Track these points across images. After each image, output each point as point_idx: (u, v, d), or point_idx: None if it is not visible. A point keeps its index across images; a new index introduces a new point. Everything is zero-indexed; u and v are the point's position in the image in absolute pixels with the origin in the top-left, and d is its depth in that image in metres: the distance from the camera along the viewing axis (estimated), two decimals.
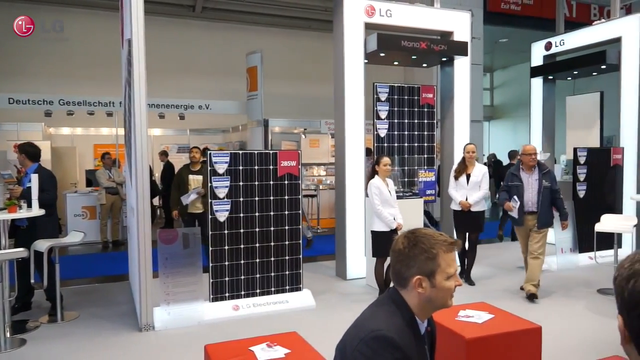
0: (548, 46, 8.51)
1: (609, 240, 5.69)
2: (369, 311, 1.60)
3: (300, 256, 5.16)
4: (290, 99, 12.54)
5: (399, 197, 5.56)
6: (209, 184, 4.76)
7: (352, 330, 1.57)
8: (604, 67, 7.61)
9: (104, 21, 10.81)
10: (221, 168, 4.78)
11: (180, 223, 6.74)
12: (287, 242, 5.08)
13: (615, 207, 7.01)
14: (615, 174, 7.13)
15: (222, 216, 4.79)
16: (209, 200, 4.76)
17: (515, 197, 5.25)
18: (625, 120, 7.25)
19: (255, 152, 5.01)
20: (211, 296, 4.78)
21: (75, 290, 5.73)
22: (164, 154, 10.22)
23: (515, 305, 4.80)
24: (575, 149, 7.02)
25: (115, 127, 10.46)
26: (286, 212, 5.06)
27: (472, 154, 5.72)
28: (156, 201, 10.41)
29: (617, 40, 7.36)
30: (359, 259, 6.12)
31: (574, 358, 2.69)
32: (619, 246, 5.70)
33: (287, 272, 5.10)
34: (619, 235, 5.78)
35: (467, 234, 5.82)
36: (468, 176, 5.73)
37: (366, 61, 6.32)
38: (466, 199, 5.69)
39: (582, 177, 6.93)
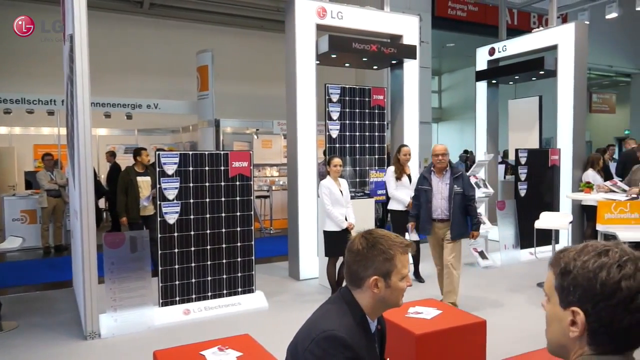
0: (491, 51, 8.87)
1: (548, 237, 6.01)
2: (320, 311, 1.62)
3: (253, 258, 5.13)
4: (243, 99, 12.43)
5: (351, 198, 5.63)
6: (157, 186, 4.64)
7: (303, 330, 1.58)
8: (542, 72, 8.02)
9: (44, 13, 10.31)
10: (170, 169, 4.67)
11: (126, 227, 6.50)
12: (239, 244, 5.03)
13: (553, 205, 7.40)
14: (553, 173, 7.53)
15: (171, 218, 4.68)
16: (158, 202, 4.65)
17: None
18: (561, 123, 7.67)
19: (206, 152, 4.93)
20: (161, 301, 4.66)
21: (15, 299, 5.43)
22: (111, 154, 9.87)
23: (462, 301, 4.97)
24: (516, 150, 7.35)
25: (57, 127, 10.00)
26: (238, 214, 5.01)
27: (408, 156, 5.81)
28: (102, 203, 10.03)
29: (554, 48, 7.78)
30: (311, 259, 6.15)
31: (516, 349, 2.83)
32: (557, 242, 6.01)
33: (239, 274, 5.05)
34: (557, 231, 6.11)
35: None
36: (409, 176, 5.84)
37: (318, 62, 6.36)
38: (411, 199, 5.77)
39: (523, 177, 7.27)
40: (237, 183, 5.01)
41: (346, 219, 5.12)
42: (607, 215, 4.98)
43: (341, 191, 5.17)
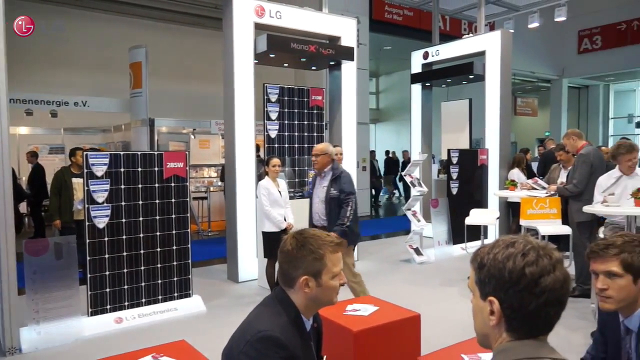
0: (425, 55, 9.19)
1: (478, 232, 6.32)
2: (255, 313, 1.61)
3: (189, 261, 5.00)
4: (179, 98, 12.07)
5: (290, 198, 5.64)
6: (85, 188, 4.42)
7: (237, 333, 1.56)
8: (471, 76, 8.42)
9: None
10: (99, 170, 4.46)
11: (54, 232, 6.12)
12: (174, 247, 4.89)
13: (482, 202, 7.78)
14: (482, 172, 7.92)
15: (101, 222, 4.47)
16: (86, 206, 4.42)
17: None
18: (489, 124, 8.08)
19: (139, 153, 4.75)
20: (90, 310, 4.43)
21: None
22: (33, 155, 9.25)
23: (398, 296, 5.11)
24: (448, 150, 7.67)
25: None
26: (173, 216, 4.87)
27: (339, 156, 5.74)
28: (23, 208, 9.40)
29: (483, 54, 8.18)
30: (251, 260, 6.09)
31: (449, 340, 2.95)
32: (485, 237, 6.34)
33: (175, 279, 4.91)
34: (485, 227, 6.44)
35: None
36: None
37: (256, 62, 6.31)
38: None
39: (454, 176, 7.59)
40: (172, 184, 4.86)
41: (285, 220, 5.12)
42: (529, 211, 5.30)
43: (280, 192, 5.16)
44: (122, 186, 4.57)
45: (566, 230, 5.29)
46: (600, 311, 1.95)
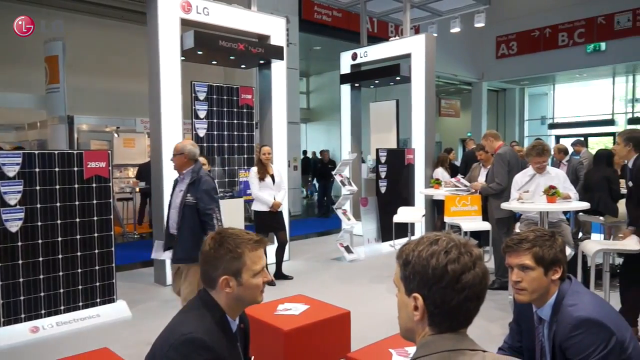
0: (354, 56, 9.37)
1: (405, 229, 6.54)
2: (178, 316, 1.58)
3: (113, 265, 4.78)
4: (101, 95, 11.46)
5: (220, 198, 5.54)
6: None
7: (160, 337, 1.52)
8: (398, 78, 8.69)
9: None
10: (11, 171, 4.14)
11: None
12: (96, 251, 4.65)
13: (409, 201, 8.07)
14: (409, 171, 8.22)
15: (13, 226, 4.16)
16: None
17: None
18: (415, 125, 8.38)
19: (56, 152, 4.47)
20: (2, 320, 4.11)
21: None
22: None
23: (329, 294, 5.18)
24: (377, 150, 7.87)
25: None
26: (95, 218, 4.63)
27: (269, 155, 5.77)
28: None
29: (408, 56, 8.47)
30: None
31: (378, 335, 3.03)
32: (412, 234, 6.58)
33: (97, 284, 4.67)
34: (412, 224, 6.68)
35: (275, 233, 5.87)
36: (272, 177, 5.80)
37: (183, 58, 6.13)
38: (274, 199, 5.76)
39: (383, 175, 7.81)
40: (94, 185, 4.62)
41: None
42: (452, 208, 5.57)
43: None
44: (38, 187, 4.28)
45: (486, 226, 5.61)
46: (516, 302, 2.09)
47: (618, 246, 4.08)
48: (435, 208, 8.11)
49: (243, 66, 7.52)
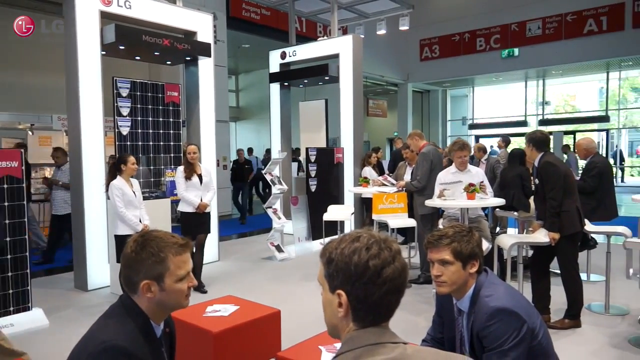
0: (283, 55, 9.37)
1: (335, 227, 6.65)
2: (98, 322, 1.50)
3: (28, 271, 4.46)
4: (12, 90, 10.60)
5: (145, 198, 5.35)
6: None
7: (78, 346, 1.44)
8: (327, 78, 8.81)
9: None
10: None
11: None
12: (9, 256, 4.32)
13: (339, 199, 8.21)
14: (338, 170, 8.36)
15: None
16: None
17: None
18: (344, 124, 8.53)
19: None
20: None
21: None
22: None
23: (260, 294, 5.16)
24: (307, 149, 7.93)
25: None
26: (7, 221, 4.30)
27: (194, 155, 5.51)
28: None
29: (337, 56, 8.61)
30: (102, 266, 5.64)
31: (308, 333, 3.06)
32: (342, 232, 6.70)
33: (10, 291, 4.34)
34: (342, 222, 6.81)
35: (197, 235, 5.54)
36: (200, 176, 5.56)
37: (104, 53, 5.83)
38: (201, 200, 5.53)
39: (313, 174, 7.88)
40: (5, 186, 4.29)
41: (140, 221, 4.85)
42: (380, 205, 5.74)
43: (134, 192, 4.86)
44: None
45: (412, 222, 5.83)
46: (438, 295, 2.19)
47: (529, 239, 4.40)
48: (364, 206, 8.31)
49: (168, 62, 7.28)
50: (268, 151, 14.91)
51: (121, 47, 5.90)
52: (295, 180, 9.65)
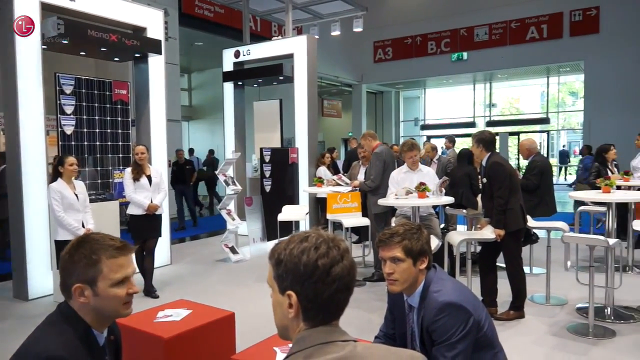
0: (237, 54, 9.25)
1: (290, 228, 6.62)
2: (33, 333, 1.41)
3: None
4: None
5: (92, 201, 5.13)
6: None
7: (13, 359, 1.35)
8: (281, 78, 8.77)
9: None
10: None
11: None
12: None
13: (294, 199, 8.19)
14: (293, 170, 8.33)
15: None
16: None
17: None
18: (298, 124, 8.52)
19: None
20: None
21: None
22: None
23: (214, 297, 5.06)
24: (261, 149, 7.87)
25: None
26: None
27: (142, 155, 5.32)
28: None
29: (291, 56, 8.58)
30: (44, 274, 5.36)
31: (263, 334, 3.02)
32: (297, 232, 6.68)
33: None
34: (297, 222, 6.79)
35: (146, 240, 5.37)
36: (149, 177, 5.37)
37: (45, 47, 5.55)
38: (151, 202, 5.33)
39: (267, 174, 7.83)
40: None
41: (83, 226, 4.64)
42: (334, 205, 5.75)
43: (76, 194, 4.65)
44: None
45: (366, 222, 5.89)
46: (389, 292, 2.22)
47: (477, 236, 4.55)
48: (319, 206, 8.32)
49: (117, 59, 7.04)
50: (211, 152, 14.72)
51: (64, 42, 5.63)
52: (250, 180, 9.55)
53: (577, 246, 5.31)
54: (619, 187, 5.90)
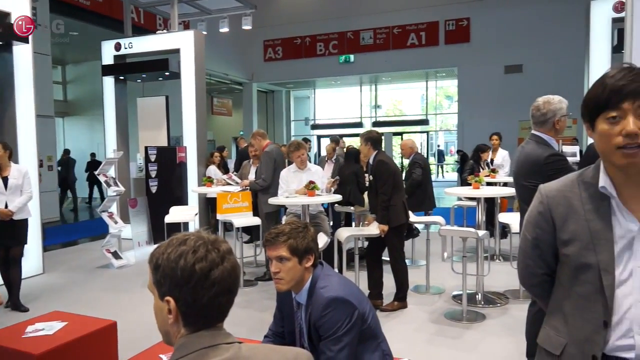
0: (118, 47, 8.70)
1: (179, 230, 6.38)
2: None
3: None
4: None
5: None
6: None
7: None
8: (167, 73, 8.42)
9: None
10: None
11: None
12: None
13: (183, 199, 7.92)
14: (181, 170, 8.05)
15: None
16: None
17: None
18: (186, 122, 8.24)
19: None
20: None
21: None
22: None
23: (95, 306, 4.74)
24: (146, 148, 7.49)
25: None
26: None
27: (2, 153, 4.68)
28: None
29: (178, 51, 8.27)
30: None
31: (148, 342, 2.89)
32: None
33: None
34: (186, 223, 6.58)
35: (6, 249, 4.81)
36: (5, 179, 4.75)
37: None
38: (6, 206, 4.71)
39: (153, 174, 7.48)
40: None
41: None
42: (225, 205, 5.67)
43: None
44: None
45: (257, 221, 5.88)
46: (278, 291, 2.25)
47: (364, 232, 4.78)
48: (209, 206, 8.14)
49: None
50: (67, 151, 13.69)
51: None
52: (134, 181, 9.05)
53: (452, 238, 5.78)
54: (491, 184, 6.57)
